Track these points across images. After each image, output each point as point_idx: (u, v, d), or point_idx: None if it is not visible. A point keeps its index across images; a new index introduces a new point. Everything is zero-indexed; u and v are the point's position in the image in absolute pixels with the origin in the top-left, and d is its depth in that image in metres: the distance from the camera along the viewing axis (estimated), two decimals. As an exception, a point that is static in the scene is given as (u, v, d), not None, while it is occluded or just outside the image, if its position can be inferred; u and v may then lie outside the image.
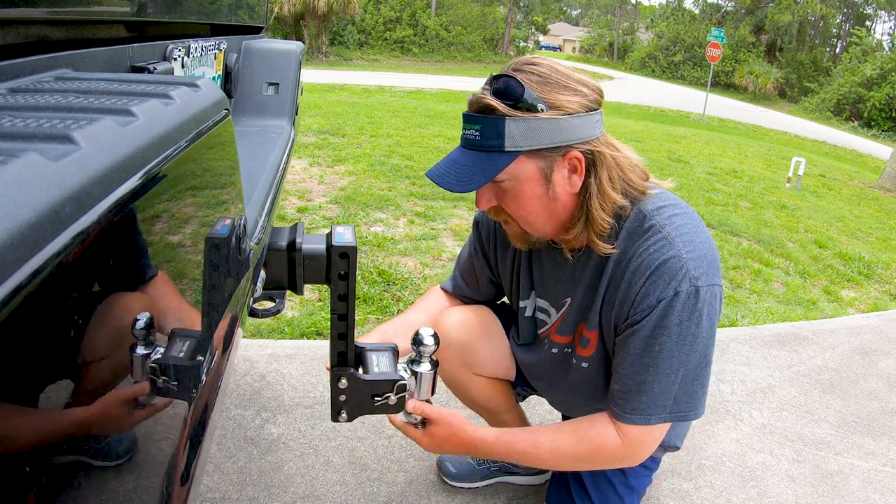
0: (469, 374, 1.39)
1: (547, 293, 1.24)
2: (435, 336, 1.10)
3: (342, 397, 1.08)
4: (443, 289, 1.47)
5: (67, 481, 0.34)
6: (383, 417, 1.13)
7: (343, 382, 1.06)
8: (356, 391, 1.07)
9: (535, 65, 0.98)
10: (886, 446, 1.97)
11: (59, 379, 0.32)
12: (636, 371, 1.05)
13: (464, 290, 1.42)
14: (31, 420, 0.30)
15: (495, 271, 1.35)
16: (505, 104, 0.95)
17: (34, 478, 0.30)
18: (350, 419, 1.09)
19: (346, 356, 1.07)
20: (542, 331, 1.28)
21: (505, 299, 1.42)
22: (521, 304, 1.30)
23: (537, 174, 1.00)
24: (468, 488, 1.59)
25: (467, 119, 1.00)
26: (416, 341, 1.09)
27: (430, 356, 1.11)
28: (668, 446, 1.30)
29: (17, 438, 0.28)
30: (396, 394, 1.08)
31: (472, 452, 1.14)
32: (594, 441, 1.09)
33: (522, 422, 1.52)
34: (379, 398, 1.08)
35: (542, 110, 0.95)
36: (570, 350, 1.22)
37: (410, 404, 1.07)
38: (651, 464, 1.33)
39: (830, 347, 2.66)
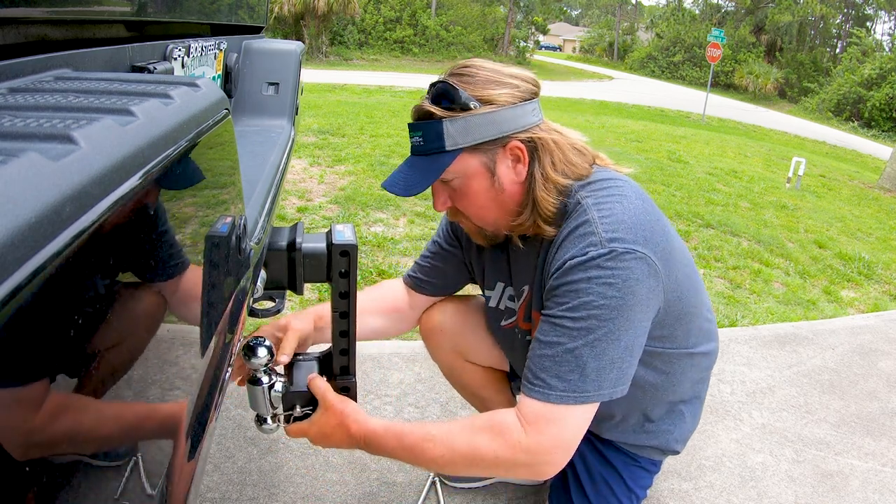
0: (461, 361, 1.43)
1: (514, 284, 1.24)
2: (269, 349, 1.03)
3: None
4: (404, 282, 1.42)
5: (66, 481, 0.34)
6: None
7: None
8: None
9: (467, 66, 1.04)
10: (886, 446, 1.97)
11: (59, 378, 0.32)
12: (542, 334, 1.00)
13: (427, 285, 1.39)
14: (30, 420, 0.30)
15: (467, 262, 1.35)
16: (442, 108, 1.00)
17: (33, 478, 0.30)
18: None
19: (349, 352, 1.08)
20: (509, 321, 1.27)
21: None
22: (486, 293, 1.31)
23: (481, 168, 1.04)
24: (468, 488, 1.59)
25: (411, 128, 1.05)
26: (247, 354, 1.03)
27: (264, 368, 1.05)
28: (666, 450, 1.30)
29: (15, 438, 0.28)
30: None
31: (362, 446, 1.03)
32: (493, 429, 0.97)
33: None
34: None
35: (476, 107, 0.99)
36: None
37: (315, 382, 1.06)
38: (651, 466, 1.33)
39: (830, 347, 2.66)
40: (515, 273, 1.22)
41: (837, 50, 34.42)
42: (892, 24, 38.24)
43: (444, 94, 1.01)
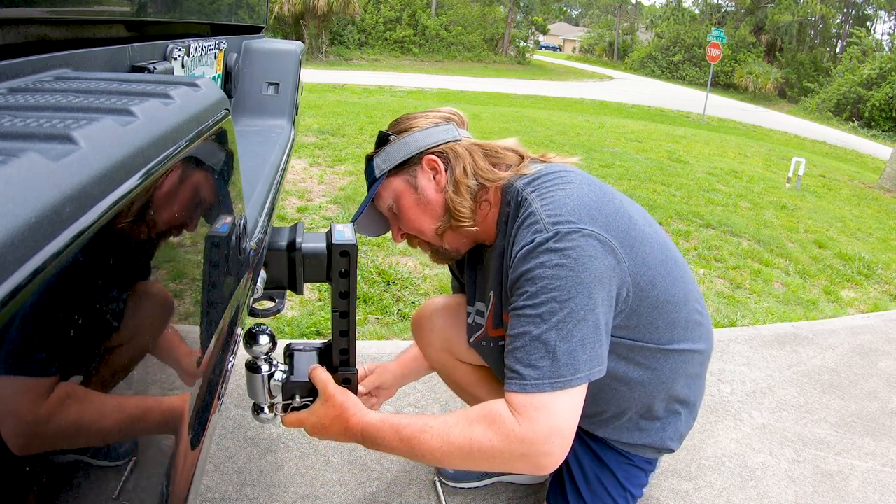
0: (452, 359, 1.45)
1: (481, 295, 1.30)
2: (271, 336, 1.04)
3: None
4: None
5: (66, 481, 0.34)
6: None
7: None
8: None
9: (398, 117, 1.24)
10: (886, 446, 1.97)
11: (59, 379, 0.32)
12: (510, 329, 1.00)
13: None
14: (29, 419, 0.30)
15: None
16: (375, 151, 1.22)
17: (33, 478, 0.30)
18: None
19: (349, 352, 1.08)
20: (476, 334, 1.30)
21: None
22: (468, 310, 1.36)
23: (405, 185, 1.18)
24: (468, 488, 1.59)
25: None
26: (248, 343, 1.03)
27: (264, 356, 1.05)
28: (661, 448, 1.29)
29: (14, 438, 0.28)
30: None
31: (359, 439, 1.03)
32: (486, 418, 0.95)
33: None
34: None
35: (393, 139, 1.19)
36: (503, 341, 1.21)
37: (316, 373, 1.06)
38: (646, 465, 1.32)
39: (830, 347, 2.66)
40: (482, 284, 1.28)
41: (837, 50, 34.42)
42: (892, 24, 38.25)
43: (377, 141, 1.22)
